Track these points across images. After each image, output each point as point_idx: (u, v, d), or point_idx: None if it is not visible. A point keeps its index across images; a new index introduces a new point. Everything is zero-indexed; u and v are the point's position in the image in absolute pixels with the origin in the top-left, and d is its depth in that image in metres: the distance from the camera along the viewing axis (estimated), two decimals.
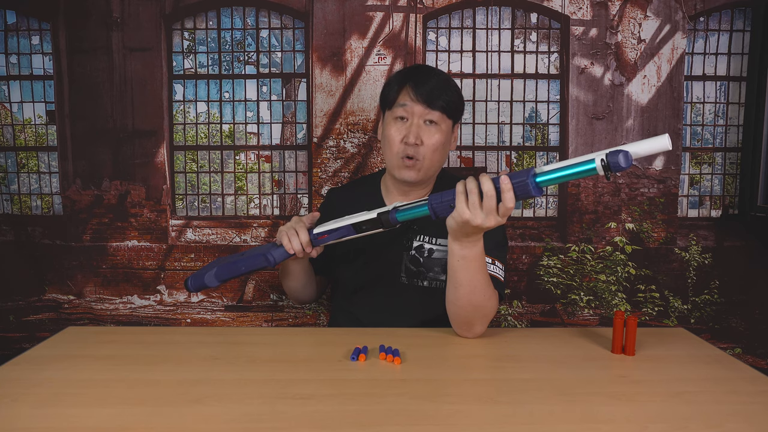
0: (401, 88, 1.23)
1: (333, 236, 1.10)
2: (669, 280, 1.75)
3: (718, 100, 1.73)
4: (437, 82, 1.22)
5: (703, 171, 1.76)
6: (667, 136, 0.81)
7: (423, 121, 1.21)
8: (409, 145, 1.20)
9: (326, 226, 1.11)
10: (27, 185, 1.76)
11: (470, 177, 0.96)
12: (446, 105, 1.21)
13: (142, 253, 1.76)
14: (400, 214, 1.03)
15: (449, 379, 0.94)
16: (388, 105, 1.26)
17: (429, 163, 1.23)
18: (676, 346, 1.12)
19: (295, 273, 1.31)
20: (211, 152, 1.75)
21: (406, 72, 1.26)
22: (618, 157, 0.82)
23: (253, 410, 0.81)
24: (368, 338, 1.09)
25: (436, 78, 1.23)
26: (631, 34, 1.69)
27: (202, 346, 1.09)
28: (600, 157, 0.83)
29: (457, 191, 0.96)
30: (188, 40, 1.70)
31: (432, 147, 1.21)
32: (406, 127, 1.21)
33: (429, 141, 1.20)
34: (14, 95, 1.72)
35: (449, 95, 1.22)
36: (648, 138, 0.84)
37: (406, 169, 1.23)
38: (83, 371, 0.96)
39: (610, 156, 0.83)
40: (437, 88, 1.20)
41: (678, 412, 0.82)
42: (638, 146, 0.84)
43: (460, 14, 1.70)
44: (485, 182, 0.93)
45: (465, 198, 0.94)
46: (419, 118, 1.20)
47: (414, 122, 1.20)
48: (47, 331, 1.75)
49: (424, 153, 1.21)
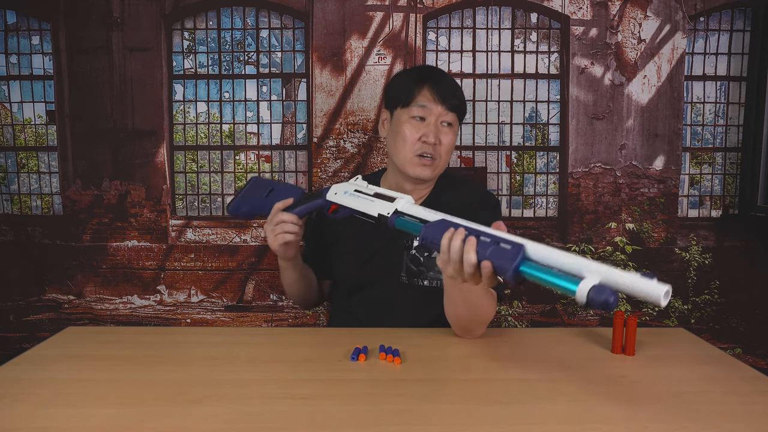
0: (420, 89, 1.23)
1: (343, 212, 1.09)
2: (669, 280, 1.74)
3: (719, 100, 1.73)
4: (450, 82, 1.24)
5: (704, 171, 1.76)
6: (667, 291, 0.66)
7: (440, 122, 1.23)
8: (428, 144, 1.22)
9: (338, 198, 1.09)
10: (27, 185, 1.75)
11: (458, 237, 0.84)
12: (459, 105, 1.23)
13: (142, 253, 1.76)
14: (399, 222, 0.97)
15: (449, 379, 0.93)
16: (402, 104, 1.26)
17: (443, 162, 1.26)
18: (676, 346, 1.11)
19: (294, 280, 1.31)
20: (211, 152, 1.75)
21: (420, 72, 1.27)
22: (604, 295, 0.68)
23: (253, 410, 0.81)
24: (368, 338, 1.09)
25: (448, 79, 1.25)
26: (631, 34, 1.69)
27: (202, 346, 1.09)
28: (587, 288, 0.69)
29: (441, 247, 0.87)
30: (188, 40, 1.70)
31: (447, 147, 1.24)
32: (424, 126, 1.22)
33: (446, 140, 1.23)
34: (14, 95, 1.72)
35: (460, 96, 1.25)
36: (645, 280, 0.68)
37: (422, 167, 1.24)
38: (83, 371, 0.96)
39: (596, 292, 0.69)
40: (451, 89, 1.23)
41: (678, 412, 0.81)
42: (631, 285, 0.69)
43: (460, 14, 1.70)
44: (468, 258, 0.83)
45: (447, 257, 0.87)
46: (437, 119, 1.22)
47: (432, 122, 1.22)
48: (47, 331, 1.75)
49: (441, 152, 1.24)
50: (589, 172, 1.73)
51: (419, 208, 0.96)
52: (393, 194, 1.00)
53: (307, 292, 1.36)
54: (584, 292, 0.69)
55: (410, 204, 0.98)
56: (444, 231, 0.87)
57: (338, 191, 1.10)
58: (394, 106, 1.30)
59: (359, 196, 1.05)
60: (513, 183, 1.75)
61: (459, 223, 0.87)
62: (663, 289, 0.66)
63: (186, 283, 1.77)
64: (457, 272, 0.85)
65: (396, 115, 1.29)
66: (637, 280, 0.68)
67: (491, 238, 0.81)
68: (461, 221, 0.87)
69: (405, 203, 0.98)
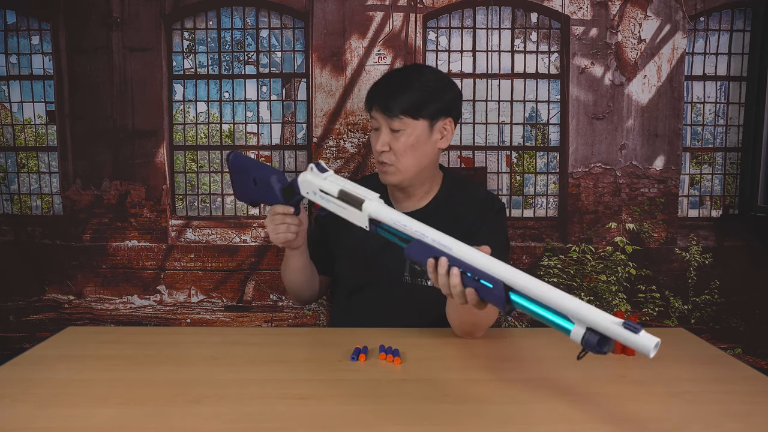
0: (371, 102, 1.26)
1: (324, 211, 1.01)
2: (669, 280, 1.75)
3: (719, 100, 1.73)
4: (395, 87, 1.22)
5: (704, 171, 1.76)
6: (656, 344, 0.62)
7: (389, 129, 1.23)
8: (377, 152, 1.24)
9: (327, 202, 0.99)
10: (27, 185, 1.76)
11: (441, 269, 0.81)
12: (406, 108, 1.20)
13: (142, 253, 1.76)
14: (380, 231, 0.90)
15: (449, 379, 0.94)
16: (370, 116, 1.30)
17: (405, 165, 1.24)
18: (676, 346, 1.11)
19: (298, 268, 1.29)
20: (211, 152, 1.75)
21: (375, 84, 1.28)
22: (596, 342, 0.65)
23: (253, 410, 0.81)
24: (368, 338, 1.09)
25: (395, 82, 1.23)
26: (631, 34, 1.69)
27: (202, 346, 1.09)
28: (582, 331, 0.66)
29: (428, 273, 0.84)
30: (188, 40, 1.70)
31: (401, 151, 1.22)
32: (377, 135, 1.25)
33: (396, 145, 1.22)
34: (14, 95, 1.72)
35: (409, 97, 1.20)
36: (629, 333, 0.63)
37: (383, 174, 1.28)
38: (83, 371, 0.96)
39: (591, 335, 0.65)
40: (392, 94, 1.21)
41: (678, 412, 0.81)
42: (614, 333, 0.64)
43: (460, 14, 1.70)
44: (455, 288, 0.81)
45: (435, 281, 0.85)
46: (386, 127, 1.23)
47: (383, 131, 1.24)
48: (47, 331, 1.75)
49: (394, 158, 1.23)
50: (589, 172, 1.73)
51: (387, 212, 0.88)
52: (360, 194, 0.91)
53: (308, 283, 1.34)
54: (578, 336, 0.66)
55: (379, 205, 0.89)
56: (427, 256, 0.82)
57: (309, 191, 1.02)
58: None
59: (327, 199, 0.96)
60: (513, 183, 1.75)
61: (435, 245, 0.81)
62: (652, 343, 0.62)
63: (186, 283, 1.77)
64: (448, 295, 0.83)
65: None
66: (624, 333, 0.63)
67: (473, 272, 0.77)
68: (438, 240, 0.81)
69: (374, 208, 0.89)
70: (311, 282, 1.34)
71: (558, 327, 0.70)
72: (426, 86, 1.22)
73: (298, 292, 1.36)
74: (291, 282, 1.33)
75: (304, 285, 1.33)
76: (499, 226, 1.29)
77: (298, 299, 1.41)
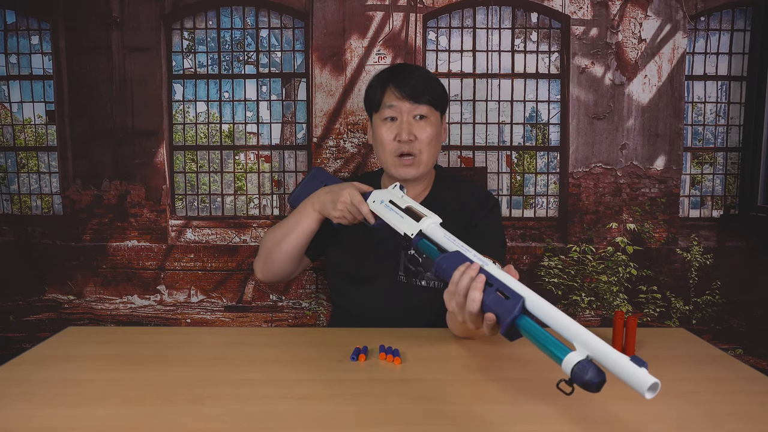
0: (384, 90, 1.24)
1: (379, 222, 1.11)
2: (670, 280, 1.75)
3: (719, 100, 1.73)
4: (420, 76, 1.24)
5: (705, 171, 1.76)
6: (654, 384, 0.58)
7: (412, 117, 1.22)
8: (402, 142, 1.21)
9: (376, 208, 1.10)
10: (27, 185, 1.75)
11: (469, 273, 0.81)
12: (432, 98, 1.22)
13: (142, 253, 1.76)
14: (422, 244, 0.96)
15: (449, 379, 0.93)
16: (375, 108, 1.27)
17: (426, 157, 1.24)
18: (677, 346, 1.11)
19: (307, 233, 1.24)
20: (210, 152, 1.75)
21: (386, 73, 1.27)
22: (588, 375, 0.63)
23: (253, 410, 0.81)
24: (368, 338, 1.09)
25: (417, 73, 1.25)
26: (631, 34, 1.69)
27: (202, 346, 1.09)
28: (574, 361, 0.65)
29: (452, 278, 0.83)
30: (188, 40, 1.70)
31: (426, 140, 1.23)
32: (396, 125, 1.22)
33: (422, 135, 1.22)
34: (14, 95, 1.72)
35: (434, 88, 1.23)
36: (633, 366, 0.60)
37: (404, 167, 1.24)
38: (83, 371, 0.96)
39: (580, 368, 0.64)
40: (421, 82, 1.22)
41: (678, 412, 0.81)
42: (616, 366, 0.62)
43: (460, 14, 1.70)
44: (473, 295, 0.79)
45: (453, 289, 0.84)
46: (408, 115, 1.22)
47: (404, 119, 1.22)
48: (47, 331, 1.75)
49: (420, 147, 1.23)
50: (589, 172, 1.73)
51: (441, 232, 0.92)
52: (423, 211, 0.98)
53: (299, 251, 1.29)
54: (570, 365, 0.65)
55: (436, 225, 0.94)
56: (458, 264, 0.84)
57: (377, 199, 1.10)
58: (370, 113, 1.31)
59: (392, 209, 1.05)
60: (513, 183, 1.75)
61: (473, 258, 0.83)
62: (650, 382, 0.58)
63: (186, 283, 1.77)
64: (459, 307, 0.82)
65: (373, 121, 1.30)
66: (625, 363, 0.60)
67: (496, 283, 0.78)
68: (476, 255, 0.84)
69: (430, 224, 0.95)
70: (301, 252, 1.30)
71: (552, 357, 0.69)
72: (441, 82, 1.25)
73: (284, 257, 1.29)
74: (286, 245, 1.27)
75: (295, 251, 1.28)
76: (495, 222, 1.30)
77: (275, 271, 1.34)
